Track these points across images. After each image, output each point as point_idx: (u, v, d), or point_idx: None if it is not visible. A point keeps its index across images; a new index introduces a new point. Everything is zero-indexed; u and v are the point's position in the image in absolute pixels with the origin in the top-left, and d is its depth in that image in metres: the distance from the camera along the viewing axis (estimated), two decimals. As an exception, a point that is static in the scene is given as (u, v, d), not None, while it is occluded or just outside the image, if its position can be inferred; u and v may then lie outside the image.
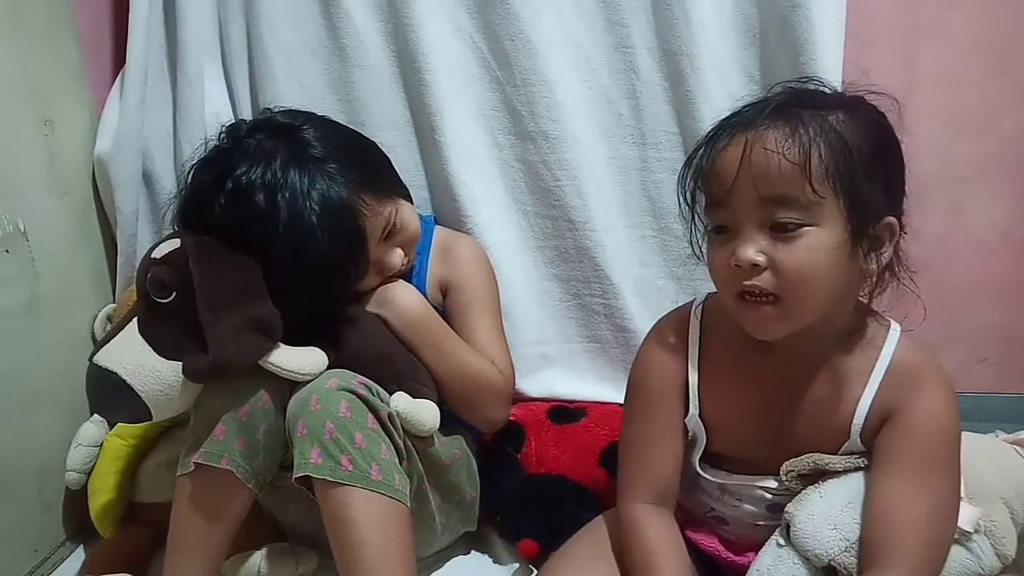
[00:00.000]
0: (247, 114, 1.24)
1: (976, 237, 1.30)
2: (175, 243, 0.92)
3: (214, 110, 1.22)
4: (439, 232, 1.16)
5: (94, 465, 1.13)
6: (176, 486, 0.92)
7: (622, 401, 0.92)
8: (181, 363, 0.87)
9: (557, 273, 1.27)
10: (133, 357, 0.88)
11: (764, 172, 0.71)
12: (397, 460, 0.90)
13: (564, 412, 1.19)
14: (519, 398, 1.24)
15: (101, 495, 1.11)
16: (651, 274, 1.26)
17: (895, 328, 0.81)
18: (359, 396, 0.88)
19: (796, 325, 0.75)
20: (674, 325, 0.88)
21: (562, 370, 1.28)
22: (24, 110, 1.10)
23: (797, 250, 0.71)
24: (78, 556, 1.14)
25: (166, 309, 0.89)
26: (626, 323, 1.26)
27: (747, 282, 0.73)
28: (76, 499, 1.14)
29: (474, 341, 1.07)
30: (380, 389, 0.93)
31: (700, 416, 0.85)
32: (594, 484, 1.08)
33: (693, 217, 0.79)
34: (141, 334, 0.89)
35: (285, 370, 0.89)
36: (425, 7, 1.18)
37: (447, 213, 1.23)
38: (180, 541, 0.91)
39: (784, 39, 1.14)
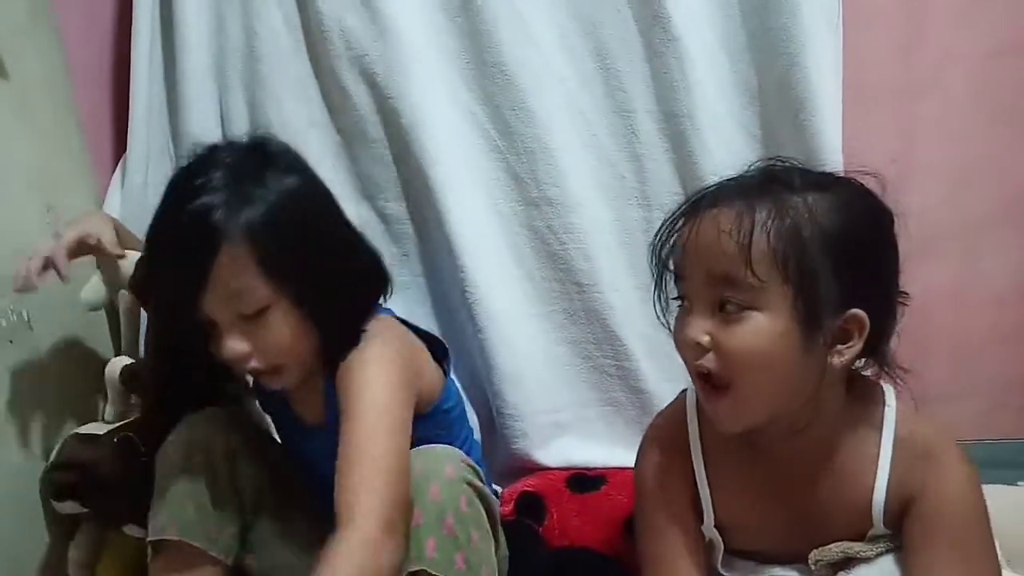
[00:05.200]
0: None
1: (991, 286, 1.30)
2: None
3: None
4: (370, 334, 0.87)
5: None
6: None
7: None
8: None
9: (567, 337, 1.26)
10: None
11: (709, 250, 0.71)
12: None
13: (583, 480, 1.16)
14: (536, 467, 1.21)
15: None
16: (662, 334, 1.24)
17: (890, 400, 0.77)
18: (475, 488, 0.83)
19: (752, 417, 0.73)
20: (672, 427, 0.85)
21: (578, 436, 1.26)
22: (27, 197, 1.10)
23: (738, 332, 0.69)
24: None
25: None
26: (640, 384, 1.24)
27: (696, 362, 0.72)
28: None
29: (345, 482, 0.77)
30: (483, 474, 0.88)
31: (715, 524, 0.82)
32: (620, 554, 1.04)
33: (659, 284, 0.79)
34: None
35: None
36: (423, 80, 1.20)
37: (453, 283, 1.22)
38: None
39: (783, 97, 1.16)
